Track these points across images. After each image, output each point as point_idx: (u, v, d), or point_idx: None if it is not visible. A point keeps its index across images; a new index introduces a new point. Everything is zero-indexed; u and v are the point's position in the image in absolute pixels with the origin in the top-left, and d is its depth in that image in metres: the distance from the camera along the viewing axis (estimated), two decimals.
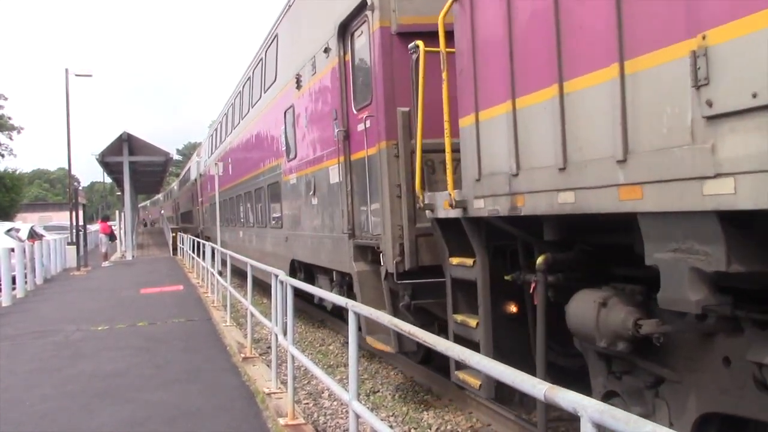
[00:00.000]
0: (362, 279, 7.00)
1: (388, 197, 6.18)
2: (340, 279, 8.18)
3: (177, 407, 6.19)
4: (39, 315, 12.77)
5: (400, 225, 6.11)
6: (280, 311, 6.51)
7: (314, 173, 8.83)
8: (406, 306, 6.27)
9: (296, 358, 5.71)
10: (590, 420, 1.93)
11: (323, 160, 8.34)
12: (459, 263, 5.24)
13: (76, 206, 25.89)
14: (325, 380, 5.00)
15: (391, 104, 6.18)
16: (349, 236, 7.27)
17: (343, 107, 7.33)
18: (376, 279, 6.82)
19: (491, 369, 2.58)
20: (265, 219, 13.14)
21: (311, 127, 8.97)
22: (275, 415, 5.76)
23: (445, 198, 5.04)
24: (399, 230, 6.10)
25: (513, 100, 4.14)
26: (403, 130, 6.03)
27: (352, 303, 4.29)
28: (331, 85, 7.81)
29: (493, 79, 4.42)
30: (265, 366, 7.65)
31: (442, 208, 5.21)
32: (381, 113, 6.31)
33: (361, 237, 7.11)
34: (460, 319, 5.32)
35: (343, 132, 7.32)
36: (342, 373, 7.79)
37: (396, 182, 6.14)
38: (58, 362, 8.37)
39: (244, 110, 15.68)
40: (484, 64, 4.57)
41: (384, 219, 6.28)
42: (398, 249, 6.10)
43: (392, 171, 6.17)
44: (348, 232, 7.28)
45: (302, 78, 9.31)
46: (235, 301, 11.44)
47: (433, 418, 6.17)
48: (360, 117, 6.90)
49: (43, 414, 6.18)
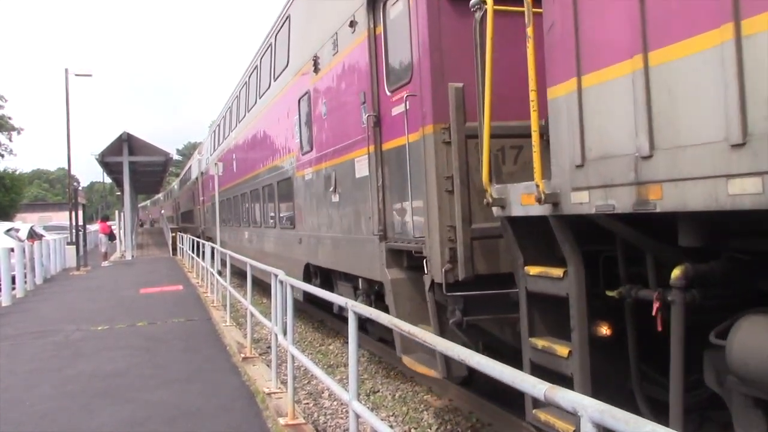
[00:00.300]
0: (397, 288, 6.14)
1: (436, 192, 5.21)
2: (367, 287, 7.29)
3: (177, 407, 6.19)
4: (39, 315, 12.77)
5: (451, 226, 5.16)
6: (280, 311, 6.51)
7: (335, 167, 7.93)
8: (457, 323, 5.28)
9: (296, 357, 5.71)
10: (590, 420, 1.93)
11: (347, 152, 7.43)
12: (540, 274, 4.19)
13: (75, 206, 25.87)
14: (325, 380, 4.99)
15: (440, 80, 5.23)
16: (380, 238, 6.41)
17: (374, 89, 6.45)
18: (414, 289, 6.06)
19: (491, 369, 2.57)
20: (274, 219, 12.18)
21: (332, 114, 8.02)
22: (275, 414, 5.76)
23: (526, 191, 4.09)
24: (449, 232, 5.16)
25: (645, 54, 3.12)
26: (456, 110, 5.07)
27: (352, 303, 4.27)
28: (357, 64, 6.91)
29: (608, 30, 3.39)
30: (265, 366, 7.65)
31: (519, 204, 4.20)
32: (427, 91, 5.33)
33: (395, 239, 6.24)
34: (541, 344, 4.20)
35: (373, 117, 6.42)
36: (342, 373, 7.78)
37: (445, 174, 5.18)
38: (58, 362, 8.37)
39: (250, 102, 14.64)
40: (592, 10, 3.50)
41: (429, 218, 5.33)
42: (448, 254, 5.15)
43: (441, 161, 5.19)
44: (379, 234, 6.42)
45: (321, 60, 8.38)
46: (234, 301, 11.43)
47: (433, 418, 6.17)
48: (395, 99, 6.04)
49: (43, 414, 6.18)
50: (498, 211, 4.46)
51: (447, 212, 5.20)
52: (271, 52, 11.94)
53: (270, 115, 12.17)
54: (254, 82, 14.00)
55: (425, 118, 5.34)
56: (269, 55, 12.10)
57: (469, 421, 6.00)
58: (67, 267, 24.97)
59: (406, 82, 5.75)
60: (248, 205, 15.25)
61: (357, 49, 6.89)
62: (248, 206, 15.27)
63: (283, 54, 10.72)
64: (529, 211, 4.08)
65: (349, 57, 7.23)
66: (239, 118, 16.45)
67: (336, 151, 7.86)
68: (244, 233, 16.12)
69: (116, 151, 28.17)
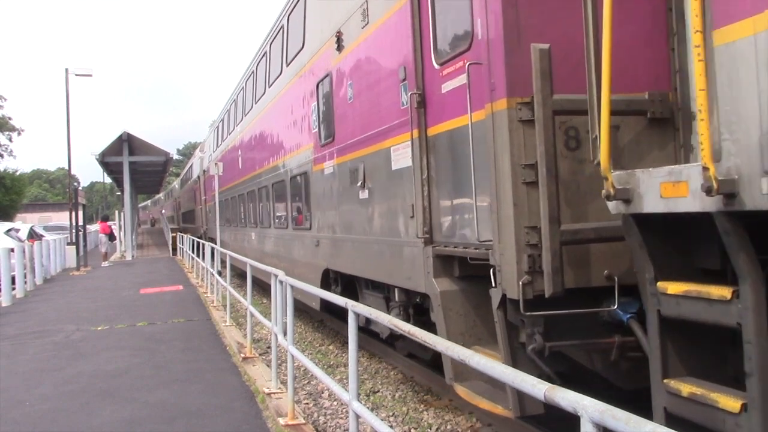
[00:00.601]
0: (448, 303, 5.13)
1: (510, 185, 4.15)
2: (404, 299, 6.33)
3: (177, 407, 6.19)
4: (39, 315, 12.76)
5: (530, 227, 4.12)
6: (280, 311, 6.50)
7: (364, 158, 6.94)
8: (537, 350, 4.21)
9: (296, 358, 5.71)
10: (590, 420, 1.92)
11: (380, 140, 6.45)
12: (688, 293, 3.19)
13: (75, 206, 25.88)
14: (325, 380, 4.99)
15: (515, 41, 4.16)
16: (426, 242, 5.44)
17: (417, 62, 5.53)
18: (467, 303, 5.15)
19: (491, 369, 2.57)
20: (286, 219, 11.11)
21: (360, 97, 7.02)
22: (275, 415, 5.76)
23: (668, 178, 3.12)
24: (528, 235, 4.12)
25: None
26: (542, 78, 4.03)
27: (352, 303, 4.25)
28: (395, 35, 5.95)
29: None
30: (265, 366, 7.65)
31: (657, 197, 3.19)
32: (498, 56, 4.23)
33: (445, 243, 5.27)
34: (687, 390, 3.21)
35: (417, 96, 5.47)
36: (342, 373, 7.78)
37: (522, 161, 4.13)
38: (58, 362, 8.37)
39: (258, 92, 13.53)
40: None
41: (501, 218, 4.28)
42: (527, 263, 4.10)
43: (516, 145, 4.15)
44: (423, 237, 5.45)
45: (345, 35, 7.40)
46: (234, 301, 11.43)
47: (433, 418, 6.17)
48: (446, 73, 5.11)
49: (43, 414, 6.18)
50: (619, 207, 3.45)
51: (525, 209, 4.14)
52: (282, 35, 10.87)
53: (281, 105, 11.09)
54: (263, 70, 12.86)
55: (495, 91, 4.27)
56: (281, 39, 11.00)
57: (469, 421, 6.00)
58: (67, 267, 24.97)
59: (464, 50, 4.78)
60: (255, 204, 14.19)
61: (395, 17, 5.96)
62: (255, 205, 14.21)
63: (297, 35, 9.68)
64: (676, 206, 3.06)
65: (383, 27, 6.28)
66: (245, 111, 15.41)
67: (365, 139, 6.88)
68: (250, 234, 15.07)
69: (116, 151, 28.19)
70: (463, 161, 4.84)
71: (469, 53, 4.69)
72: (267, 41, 12.46)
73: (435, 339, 3.20)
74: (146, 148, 28.97)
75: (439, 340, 3.17)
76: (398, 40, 5.88)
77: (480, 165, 4.56)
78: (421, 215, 5.50)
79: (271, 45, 12.03)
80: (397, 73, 5.89)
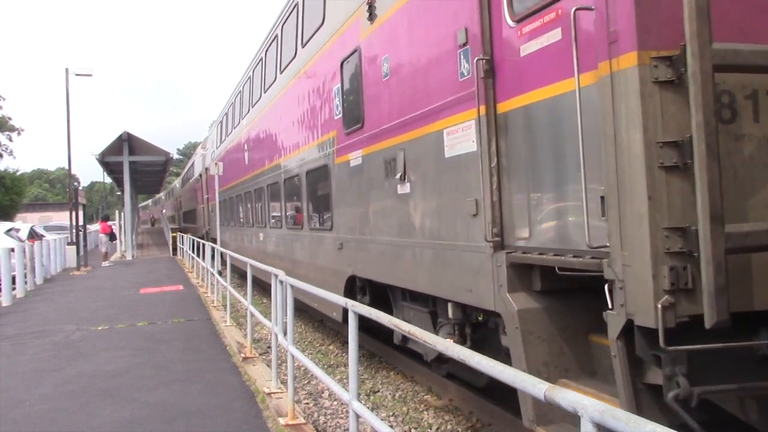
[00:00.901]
0: (527, 325, 4.13)
1: (644, 169, 3.08)
2: (461, 317, 5.30)
3: (177, 407, 6.19)
4: (39, 315, 12.77)
5: (671, 228, 3.07)
6: (280, 311, 6.50)
7: (404, 145, 5.91)
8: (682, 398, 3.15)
9: (296, 358, 5.71)
10: (590, 420, 1.92)
11: (429, 121, 5.39)
12: None
13: (76, 206, 25.88)
14: (325, 380, 4.99)
15: None
16: (496, 246, 4.44)
17: (485, 20, 4.49)
18: (551, 325, 4.15)
19: (491, 369, 2.57)
20: (303, 218, 9.86)
21: (399, 73, 6.01)
22: (275, 414, 5.76)
23: None
24: (671, 239, 3.07)
25: None
26: (699, 18, 2.88)
27: (352, 303, 4.24)
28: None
29: None
30: (265, 366, 7.65)
31: None
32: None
33: (523, 249, 4.27)
34: None
35: (485, 63, 4.44)
36: (342, 373, 7.78)
37: (659, 138, 3.08)
38: (58, 362, 8.37)
39: (268, 80, 12.28)
40: None
41: (626, 215, 3.20)
42: (668, 279, 3.04)
43: (651, 115, 3.09)
44: (493, 240, 4.44)
45: (379, 2, 6.39)
46: (234, 301, 11.43)
47: (433, 418, 6.17)
48: (528, 30, 4.08)
49: (43, 414, 6.18)
50: None
51: (663, 204, 3.09)
52: (296, 15, 9.82)
53: (296, 92, 9.96)
54: (273, 56, 11.61)
55: (618, 42, 3.20)
56: (294, 18, 9.93)
57: (469, 421, 6.00)
58: (68, 267, 24.99)
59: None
60: (265, 202, 12.95)
61: None
62: (265, 204, 12.96)
63: (315, 11, 8.62)
64: None
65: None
66: (252, 103, 14.19)
67: (406, 122, 5.84)
68: (258, 236, 13.76)
69: (116, 151, 28.22)
70: (558, 142, 3.88)
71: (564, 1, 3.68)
72: (278, 23, 11.30)
73: (435, 339, 3.17)
74: (146, 148, 29.00)
75: (438, 340, 3.13)
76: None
77: (589, 144, 3.50)
78: (489, 213, 4.48)
79: (283, 27, 10.91)
80: (455, 37, 4.87)
